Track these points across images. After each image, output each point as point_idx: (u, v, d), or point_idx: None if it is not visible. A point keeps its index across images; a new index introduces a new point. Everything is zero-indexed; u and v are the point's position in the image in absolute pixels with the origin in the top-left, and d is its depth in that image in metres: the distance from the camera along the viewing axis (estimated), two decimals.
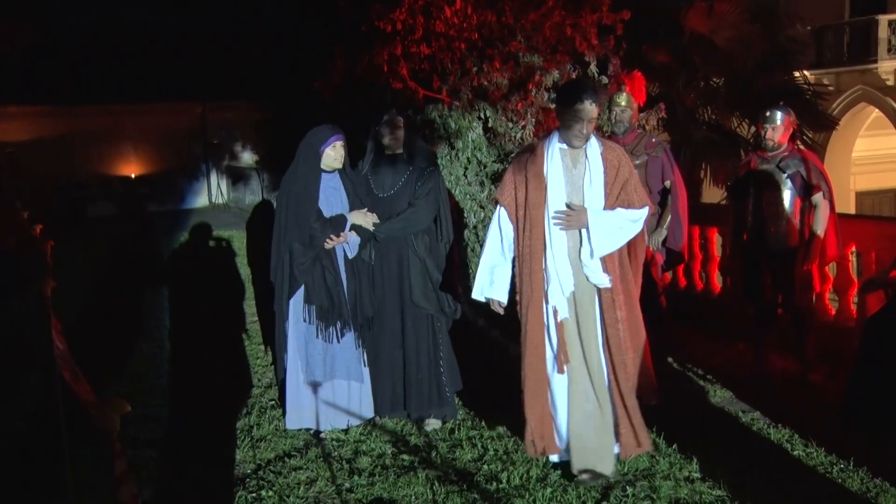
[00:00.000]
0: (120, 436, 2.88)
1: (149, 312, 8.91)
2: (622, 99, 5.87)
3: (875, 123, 19.92)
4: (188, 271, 11.39)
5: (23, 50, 21.17)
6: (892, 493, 3.94)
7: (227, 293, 9.24)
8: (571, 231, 4.04)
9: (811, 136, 14.48)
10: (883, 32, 18.45)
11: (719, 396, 5.47)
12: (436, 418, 5.08)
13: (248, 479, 4.37)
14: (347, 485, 4.28)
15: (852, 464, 4.22)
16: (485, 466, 4.41)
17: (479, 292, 4.30)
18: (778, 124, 5.56)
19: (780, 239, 5.57)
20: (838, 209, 5.72)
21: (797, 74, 15.10)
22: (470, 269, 7.65)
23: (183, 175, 24.83)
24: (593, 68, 8.43)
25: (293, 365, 4.96)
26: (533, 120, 8.19)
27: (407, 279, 5.00)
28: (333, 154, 4.92)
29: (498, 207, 4.24)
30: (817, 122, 14.68)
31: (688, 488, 4.07)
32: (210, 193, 25.43)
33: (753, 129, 11.06)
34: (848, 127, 19.40)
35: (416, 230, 5.00)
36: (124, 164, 24.35)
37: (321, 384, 4.94)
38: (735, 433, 4.82)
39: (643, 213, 4.13)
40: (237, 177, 23.57)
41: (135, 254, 14.47)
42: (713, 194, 13.79)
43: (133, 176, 24.35)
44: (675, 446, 4.47)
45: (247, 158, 23.82)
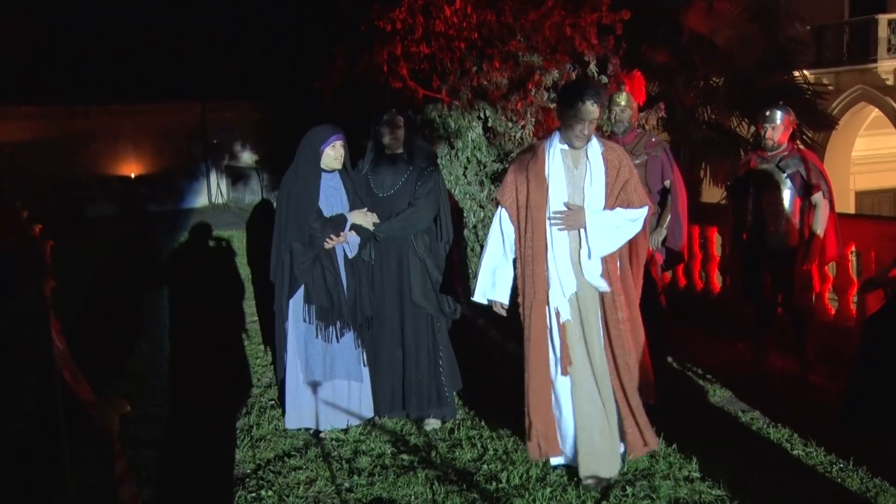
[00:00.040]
0: (120, 436, 2.88)
1: (149, 312, 8.91)
2: (622, 98, 5.87)
3: (875, 123, 19.93)
4: (188, 271, 11.39)
5: (23, 50, 21.18)
6: (892, 493, 3.94)
7: (227, 293, 9.24)
8: (573, 232, 4.02)
9: (811, 136, 14.48)
10: (882, 32, 18.45)
11: (719, 396, 5.47)
12: (435, 418, 5.07)
13: (248, 479, 4.37)
14: (347, 484, 4.28)
15: (852, 463, 4.22)
16: (484, 466, 4.41)
17: (482, 294, 4.27)
18: (778, 124, 5.56)
19: (780, 238, 5.57)
20: (838, 209, 5.71)
21: (797, 74, 15.10)
22: (469, 269, 7.65)
23: (183, 175, 24.83)
24: (593, 68, 8.43)
25: (293, 365, 4.97)
26: (532, 119, 8.19)
27: (407, 279, 5.00)
28: (333, 154, 4.92)
29: (499, 209, 4.21)
30: (817, 122, 14.69)
31: (687, 488, 4.07)
32: (210, 193, 25.44)
33: (753, 129, 11.06)
34: (847, 126, 19.40)
35: (416, 230, 5.00)
36: (124, 164, 24.35)
37: (321, 384, 4.94)
38: (735, 433, 4.82)
39: (642, 213, 4.11)
40: (237, 177, 23.59)
41: (135, 254, 14.46)
42: (713, 194, 13.78)
43: (133, 176, 24.35)
44: (675, 446, 4.46)
45: (246, 158, 23.84)
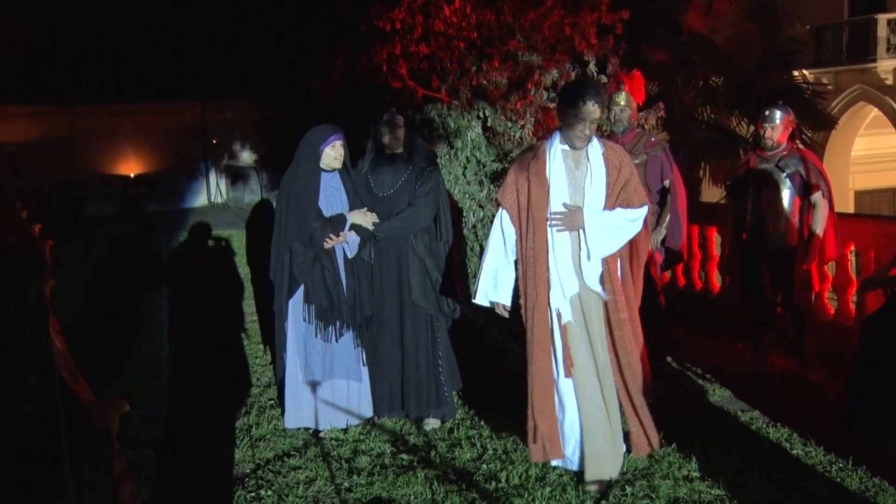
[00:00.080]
0: (119, 435, 2.88)
1: (148, 312, 8.91)
2: (621, 98, 5.87)
3: (874, 122, 19.93)
4: (187, 271, 11.39)
5: (23, 50, 21.19)
6: (891, 493, 3.94)
7: (227, 293, 9.24)
8: (574, 233, 4.01)
9: (810, 136, 14.48)
10: (882, 31, 18.45)
11: (718, 395, 5.47)
12: (435, 418, 5.07)
13: (248, 479, 4.37)
14: (346, 484, 4.28)
15: (851, 463, 4.22)
16: (484, 466, 4.41)
17: (483, 296, 4.24)
18: (777, 123, 5.56)
19: (780, 238, 5.58)
20: (837, 208, 5.72)
21: (796, 73, 15.08)
22: (469, 269, 7.65)
23: (182, 174, 24.84)
24: (592, 67, 8.43)
25: (292, 364, 4.97)
26: (532, 119, 8.19)
27: (406, 279, 5.00)
28: (333, 153, 4.92)
29: (500, 210, 4.19)
30: (816, 122, 14.67)
31: (687, 487, 4.07)
32: (209, 193, 25.44)
33: (752, 129, 11.07)
34: (847, 126, 19.40)
35: (416, 230, 5.00)
36: (124, 164, 24.36)
37: (320, 383, 4.94)
38: (734, 432, 4.82)
39: (642, 213, 4.09)
40: (236, 176, 23.60)
41: (134, 253, 14.46)
42: (712, 193, 13.78)
43: (132, 175, 24.35)
44: (674, 445, 4.46)
45: (246, 158, 23.86)
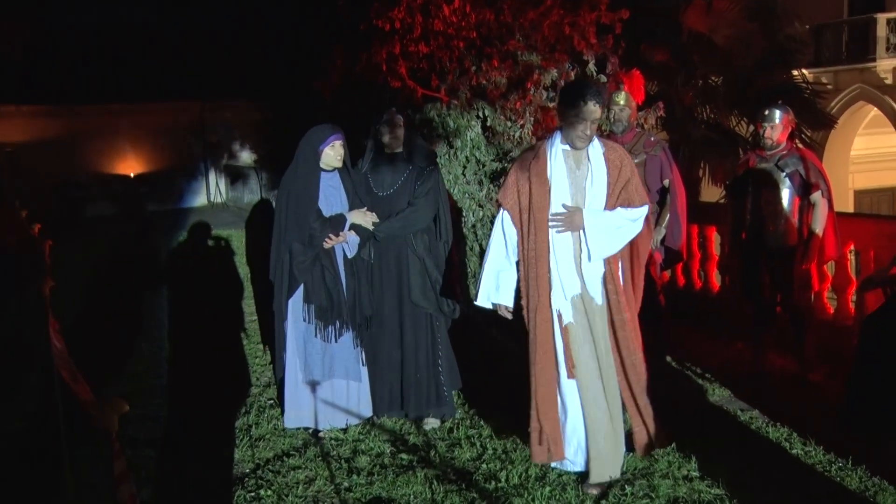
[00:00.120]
0: (119, 435, 2.88)
1: (148, 312, 8.90)
2: (621, 98, 5.87)
3: (873, 122, 19.93)
4: (187, 270, 11.38)
5: (22, 49, 21.18)
6: (891, 492, 3.95)
7: (226, 292, 9.23)
8: (576, 233, 4.00)
9: (810, 135, 14.48)
10: (881, 31, 18.46)
11: (718, 395, 5.47)
12: (434, 417, 5.07)
13: (247, 479, 4.38)
14: (346, 484, 4.28)
15: (851, 462, 4.23)
16: (483, 465, 4.41)
17: (486, 298, 4.22)
18: (777, 123, 5.56)
19: (779, 238, 5.58)
20: (837, 208, 5.72)
21: (796, 73, 15.08)
22: (468, 269, 7.65)
23: (182, 174, 24.80)
24: (592, 67, 8.42)
25: (292, 364, 4.97)
26: (531, 119, 8.18)
27: (406, 278, 5.00)
28: (333, 153, 4.92)
29: (501, 211, 4.17)
30: (816, 121, 14.68)
31: (686, 487, 4.08)
32: (209, 193, 25.41)
33: (752, 128, 11.05)
34: (846, 125, 19.41)
35: (416, 229, 5.00)
36: (123, 164, 24.33)
37: (320, 383, 4.94)
38: (733, 432, 4.82)
39: (643, 212, 4.08)
40: (236, 176, 23.58)
41: (134, 253, 14.45)
42: (712, 193, 13.77)
43: (132, 175, 24.33)
44: (674, 445, 4.46)
45: (246, 158, 23.84)
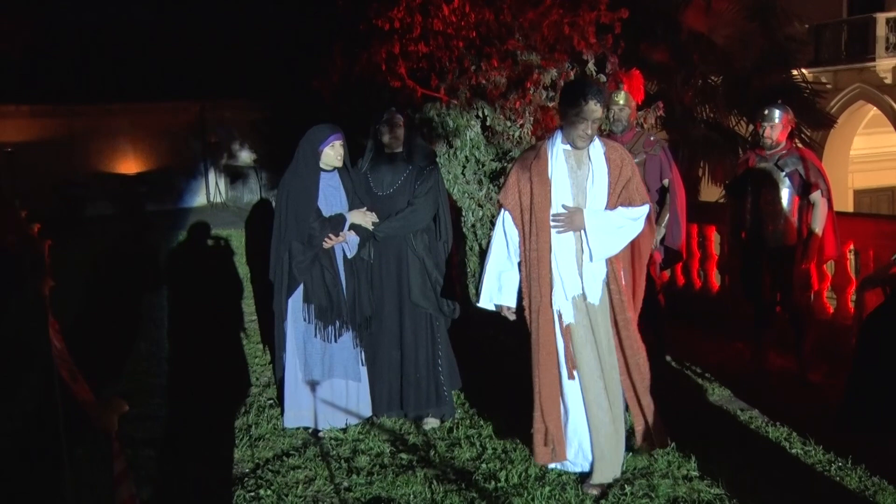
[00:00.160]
0: (118, 435, 2.88)
1: (147, 311, 8.90)
2: (620, 97, 5.88)
3: (873, 121, 19.95)
4: (187, 270, 11.37)
5: (21, 48, 21.16)
6: (890, 492, 3.95)
7: (226, 292, 9.22)
8: (577, 233, 3.99)
9: (809, 135, 14.50)
10: (881, 30, 18.48)
11: (717, 395, 5.47)
12: (434, 417, 5.07)
13: (247, 478, 4.37)
14: (346, 484, 4.28)
15: (850, 462, 4.23)
16: (483, 465, 4.41)
17: (488, 299, 4.21)
18: (776, 122, 5.57)
19: (779, 237, 5.58)
20: (836, 207, 5.73)
21: (795, 72, 15.11)
22: (468, 268, 7.65)
23: (181, 174, 24.78)
24: (591, 67, 8.41)
25: (291, 364, 4.97)
26: (531, 118, 8.17)
27: (406, 278, 5.00)
28: (332, 153, 4.92)
29: (502, 211, 4.15)
30: (815, 121, 14.69)
31: (686, 486, 4.08)
32: (208, 192, 25.38)
33: (752, 128, 11.05)
34: (846, 125, 19.42)
35: (416, 229, 4.99)
36: (123, 163, 24.31)
37: (319, 383, 4.94)
38: (733, 431, 4.82)
39: (644, 211, 4.06)
40: (235, 176, 23.55)
41: (133, 253, 14.44)
42: (711, 192, 13.78)
43: (131, 175, 24.32)
44: (674, 444, 4.45)
45: (245, 157, 23.81)
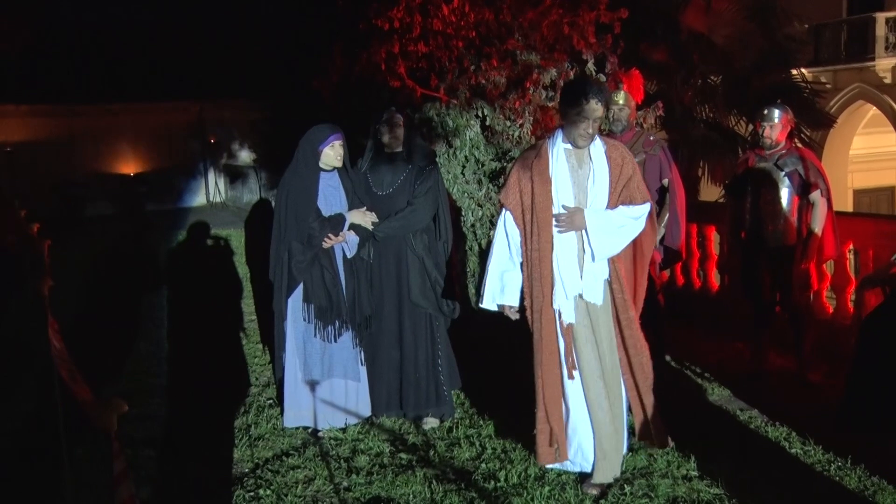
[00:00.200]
0: (118, 435, 2.88)
1: (147, 311, 8.90)
2: (620, 97, 5.87)
3: (872, 121, 19.95)
4: (186, 270, 11.38)
5: (21, 48, 21.16)
6: (890, 492, 3.95)
7: (225, 292, 9.23)
8: (579, 233, 3.98)
9: (809, 134, 14.48)
10: (880, 30, 18.47)
11: (717, 395, 5.48)
12: (434, 417, 5.07)
13: (246, 478, 4.37)
14: (345, 483, 4.28)
15: (850, 462, 4.23)
16: (483, 465, 4.41)
17: (491, 300, 4.19)
18: (776, 122, 5.56)
19: (778, 237, 5.58)
20: (836, 207, 5.72)
21: (795, 72, 15.09)
22: (468, 268, 7.65)
23: (181, 174, 24.82)
24: (591, 66, 8.42)
25: (291, 363, 4.97)
26: (531, 118, 8.18)
27: (405, 278, 5.00)
28: (332, 153, 4.92)
29: (503, 211, 4.14)
30: (815, 120, 14.68)
31: (685, 486, 4.08)
32: (208, 192, 25.41)
33: (751, 127, 11.04)
34: (845, 125, 19.42)
35: (415, 229, 4.99)
36: (122, 163, 24.34)
37: (319, 383, 4.94)
38: (733, 431, 4.82)
39: (645, 210, 4.04)
40: (235, 175, 23.57)
41: (133, 252, 14.46)
42: (711, 192, 13.78)
43: (131, 174, 24.34)
44: (673, 444, 4.46)
45: (245, 157, 23.83)
